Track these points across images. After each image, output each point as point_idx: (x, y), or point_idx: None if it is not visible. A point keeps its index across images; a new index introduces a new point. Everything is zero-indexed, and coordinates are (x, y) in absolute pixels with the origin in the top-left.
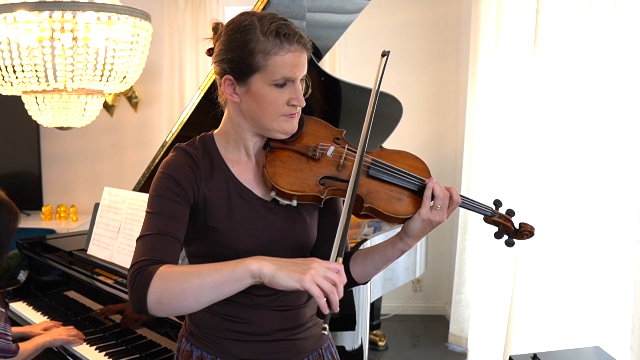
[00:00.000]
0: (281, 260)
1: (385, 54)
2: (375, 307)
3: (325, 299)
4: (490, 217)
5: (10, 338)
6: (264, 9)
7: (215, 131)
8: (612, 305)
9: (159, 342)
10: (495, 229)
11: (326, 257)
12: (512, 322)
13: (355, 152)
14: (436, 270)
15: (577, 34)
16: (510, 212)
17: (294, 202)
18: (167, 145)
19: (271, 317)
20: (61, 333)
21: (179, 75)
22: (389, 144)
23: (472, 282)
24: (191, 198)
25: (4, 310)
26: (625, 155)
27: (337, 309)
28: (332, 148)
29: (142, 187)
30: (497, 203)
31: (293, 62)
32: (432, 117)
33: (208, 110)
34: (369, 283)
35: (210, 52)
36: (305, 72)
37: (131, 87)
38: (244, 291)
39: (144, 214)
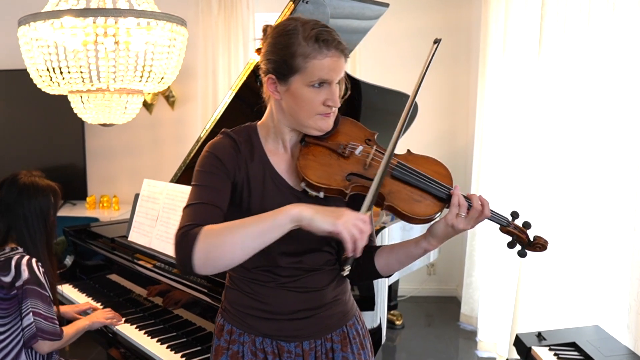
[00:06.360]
0: (317, 207)
1: (436, 41)
2: (392, 289)
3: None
4: (506, 227)
5: (57, 321)
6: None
7: (259, 122)
8: (611, 287)
9: (194, 322)
10: (509, 238)
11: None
12: (519, 303)
13: (383, 154)
14: (449, 256)
15: (578, 38)
16: (527, 225)
17: (321, 194)
18: (202, 140)
19: (292, 298)
20: (99, 316)
21: (213, 76)
22: (407, 139)
23: (481, 267)
24: (231, 176)
25: (47, 294)
26: (624, 150)
27: (359, 254)
28: (360, 147)
29: (178, 179)
30: (514, 214)
31: (330, 66)
32: (444, 115)
33: (239, 108)
34: None
35: (259, 51)
36: (342, 75)
37: (168, 87)
38: (269, 272)
39: (180, 203)
